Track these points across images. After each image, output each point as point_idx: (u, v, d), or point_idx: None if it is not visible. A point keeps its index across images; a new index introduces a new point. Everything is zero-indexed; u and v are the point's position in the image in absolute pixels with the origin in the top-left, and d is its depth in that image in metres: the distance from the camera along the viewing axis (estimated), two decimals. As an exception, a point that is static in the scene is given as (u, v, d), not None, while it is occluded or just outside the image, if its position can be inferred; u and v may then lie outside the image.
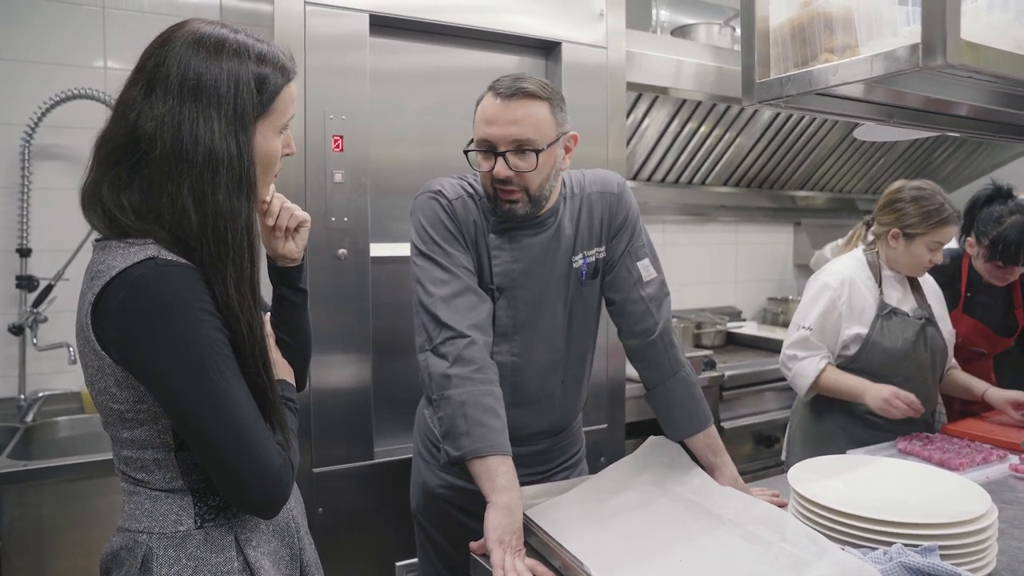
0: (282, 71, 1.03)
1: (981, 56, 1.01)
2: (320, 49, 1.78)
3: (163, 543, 0.99)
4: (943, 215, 1.92)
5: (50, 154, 2.26)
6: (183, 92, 0.94)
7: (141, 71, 0.97)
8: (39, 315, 2.21)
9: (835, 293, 1.98)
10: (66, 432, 2.23)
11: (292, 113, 1.06)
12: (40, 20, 2.26)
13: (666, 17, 3.04)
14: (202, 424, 0.94)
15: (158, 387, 0.94)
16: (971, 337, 2.35)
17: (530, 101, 1.36)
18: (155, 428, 0.98)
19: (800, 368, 2.01)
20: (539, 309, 1.49)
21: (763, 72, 1.32)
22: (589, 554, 1.15)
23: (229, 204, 0.96)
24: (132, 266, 0.91)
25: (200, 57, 0.96)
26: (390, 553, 1.92)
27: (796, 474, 1.40)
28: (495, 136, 1.36)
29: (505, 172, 1.36)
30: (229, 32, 1.00)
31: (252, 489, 0.96)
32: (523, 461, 1.51)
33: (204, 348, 0.93)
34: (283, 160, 1.08)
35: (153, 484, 1.00)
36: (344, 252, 1.83)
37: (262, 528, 1.07)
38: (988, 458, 1.72)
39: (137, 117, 0.95)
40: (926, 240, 1.94)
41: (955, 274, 2.36)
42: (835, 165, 3.66)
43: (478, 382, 1.29)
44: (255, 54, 1.00)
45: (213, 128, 0.95)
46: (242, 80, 0.97)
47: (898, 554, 1.10)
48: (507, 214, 1.42)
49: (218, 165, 0.95)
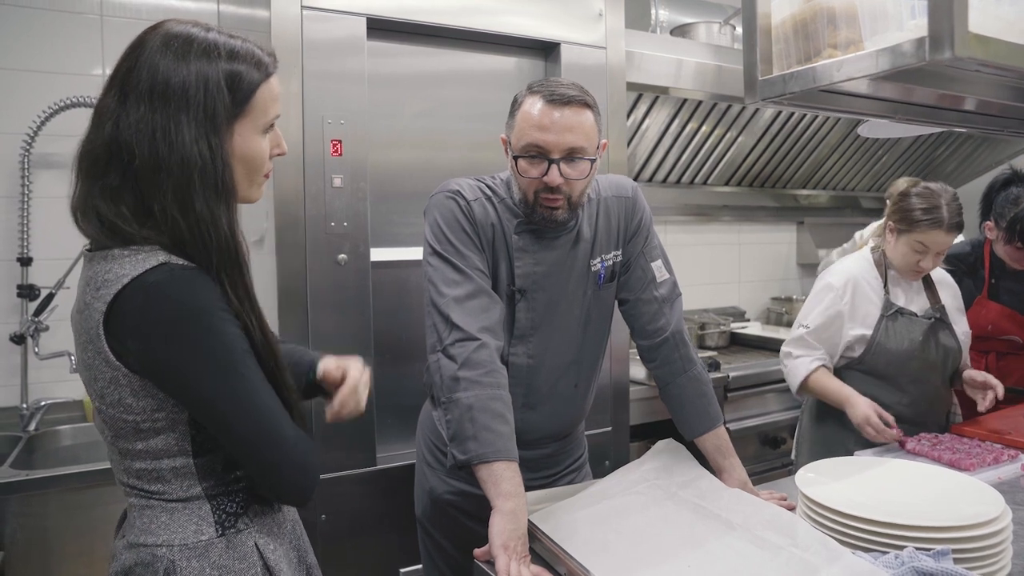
0: (258, 66, 0.99)
1: (990, 49, 0.99)
2: (318, 53, 1.77)
3: (185, 554, 0.97)
4: (931, 217, 1.82)
5: (50, 163, 2.25)
6: (153, 98, 0.92)
7: (115, 77, 0.96)
8: (40, 324, 2.20)
9: (837, 294, 1.95)
10: (69, 441, 2.22)
11: (276, 112, 1.02)
12: (38, 28, 2.25)
13: (665, 16, 3.03)
14: (237, 422, 0.94)
15: (185, 391, 0.94)
16: (1001, 324, 2.32)
17: (582, 109, 1.35)
18: (173, 436, 0.97)
19: (793, 366, 2.00)
20: (557, 312, 1.49)
21: (766, 69, 1.30)
22: (595, 560, 1.13)
23: (208, 211, 0.94)
24: (144, 273, 0.90)
25: (168, 59, 0.93)
26: (393, 560, 1.91)
27: (804, 477, 1.38)
28: (549, 143, 1.34)
29: (558, 180, 1.35)
30: (199, 31, 0.96)
31: (288, 479, 0.98)
32: (531, 465, 1.50)
33: (231, 347, 0.93)
34: (283, 164, 1.06)
35: (169, 495, 0.99)
36: (344, 257, 1.81)
37: (275, 531, 1.07)
38: (999, 458, 1.69)
39: (115, 126, 0.93)
40: (910, 239, 1.87)
41: (977, 261, 2.35)
42: (838, 163, 3.63)
43: (486, 386, 1.28)
44: (226, 51, 0.96)
45: (183, 133, 0.92)
46: (211, 80, 0.94)
47: (910, 558, 1.09)
48: (544, 221, 1.41)
49: (192, 171, 0.92)
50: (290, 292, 1.77)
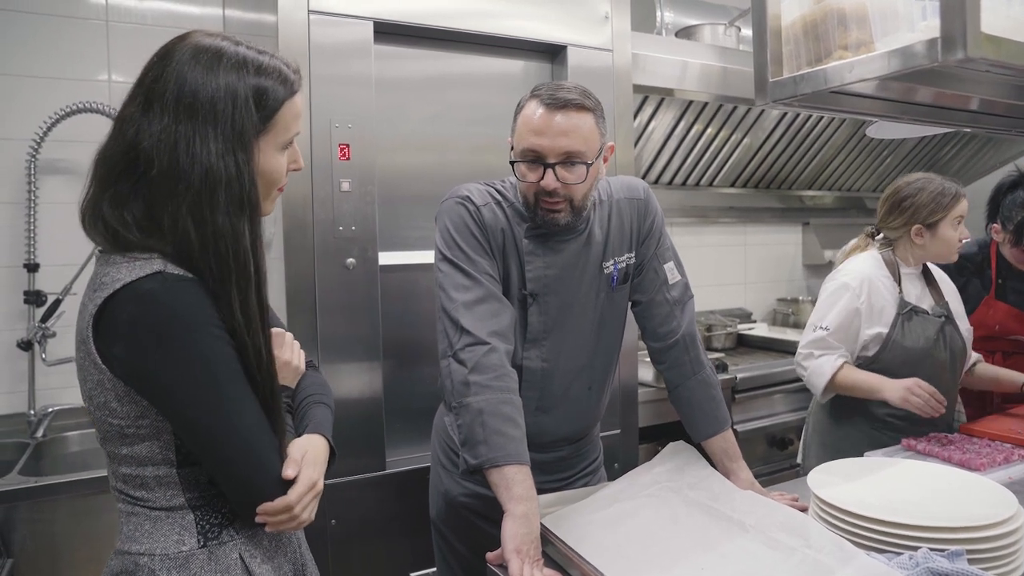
0: (284, 83, 0.99)
1: (1003, 49, 0.99)
2: (325, 58, 1.77)
3: (166, 564, 0.96)
4: (952, 192, 1.93)
5: (56, 168, 2.25)
6: (179, 109, 0.92)
7: (140, 85, 0.95)
8: (47, 330, 2.20)
9: (854, 292, 1.94)
10: (76, 447, 2.22)
11: (296, 129, 1.02)
12: (43, 34, 2.26)
13: (670, 19, 3.03)
14: (213, 438, 0.92)
15: (167, 403, 0.92)
16: (1007, 324, 2.33)
17: (579, 112, 1.34)
18: (157, 444, 0.96)
19: (816, 366, 1.96)
20: (570, 315, 1.49)
21: (776, 71, 1.30)
22: (609, 564, 1.13)
23: (230, 225, 0.93)
24: (139, 280, 0.90)
25: (197, 72, 0.93)
26: (403, 564, 1.90)
27: (816, 478, 1.38)
28: (545, 147, 1.33)
29: (554, 184, 1.35)
30: (229, 44, 0.96)
31: (263, 499, 0.95)
32: (545, 468, 1.50)
33: (217, 364, 0.92)
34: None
35: (153, 502, 0.98)
36: (353, 261, 1.81)
37: (266, 544, 1.05)
38: (1009, 457, 1.69)
39: (136, 134, 0.93)
40: (948, 220, 1.93)
41: (984, 261, 2.36)
42: (843, 164, 3.63)
43: (497, 390, 1.28)
44: (255, 67, 0.96)
45: (210, 147, 0.92)
46: (240, 96, 0.94)
47: (925, 559, 1.08)
48: (547, 224, 1.41)
49: (216, 185, 0.92)
50: (298, 296, 1.77)
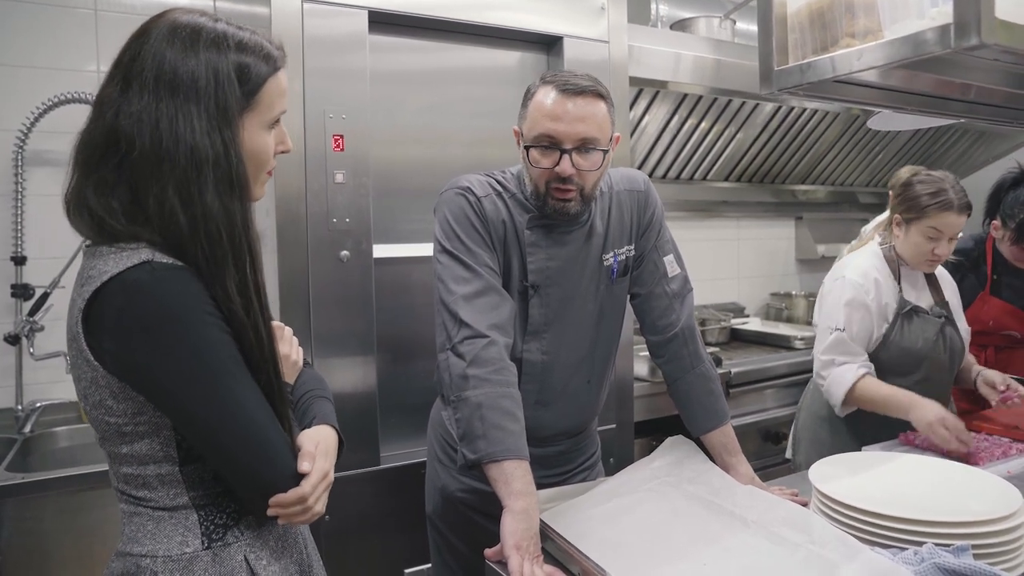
0: (266, 59, 0.96)
1: (1016, 35, 0.97)
2: (319, 48, 1.74)
3: (169, 567, 0.93)
4: (939, 200, 1.78)
5: (44, 160, 2.22)
6: (159, 87, 0.89)
7: (118, 66, 0.92)
8: (35, 324, 2.16)
9: (862, 288, 1.86)
10: (65, 442, 2.19)
11: (282, 108, 1.00)
12: (32, 24, 2.21)
13: (665, 11, 3.02)
14: (214, 432, 0.89)
15: (164, 398, 0.89)
16: (1002, 320, 2.34)
17: (595, 99, 1.34)
18: (157, 441, 0.93)
19: (837, 375, 1.83)
20: (571, 307, 1.47)
21: (781, 59, 1.28)
22: (610, 559, 1.11)
23: (220, 205, 0.90)
24: (126, 271, 0.86)
25: (176, 49, 0.90)
26: (398, 559, 1.88)
27: (818, 472, 1.37)
28: (561, 133, 1.32)
29: (570, 170, 1.33)
30: (207, 21, 0.94)
31: (274, 491, 0.91)
32: (544, 462, 1.49)
33: (212, 353, 0.89)
34: (284, 160, 1.03)
35: (156, 502, 0.95)
36: (347, 254, 1.79)
37: (272, 545, 1.02)
38: (1007, 452, 1.69)
39: (116, 115, 0.90)
40: (922, 226, 1.81)
41: (980, 256, 2.37)
42: (836, 159, 3.63)
43: (496, 384, 1.26)
44: (235, 42, 0.93)
45: (193, 124, 0.89)
46: (222, 72, 0.91)
47: (930, 554, 1.07)
48: (556, 213, 1.39)
49: (203, 163, 0.89)
50: (292, 290, 1.74)
